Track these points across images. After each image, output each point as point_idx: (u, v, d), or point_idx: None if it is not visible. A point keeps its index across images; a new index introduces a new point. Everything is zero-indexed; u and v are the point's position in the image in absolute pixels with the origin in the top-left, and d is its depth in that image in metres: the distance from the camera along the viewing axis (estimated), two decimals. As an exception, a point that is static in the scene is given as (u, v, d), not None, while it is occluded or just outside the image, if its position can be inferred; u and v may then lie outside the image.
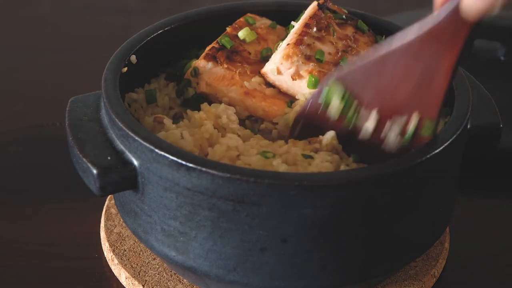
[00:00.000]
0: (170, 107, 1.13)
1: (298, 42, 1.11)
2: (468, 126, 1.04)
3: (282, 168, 0.96)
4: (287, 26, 1.20)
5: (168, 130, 1.03)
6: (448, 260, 1.16)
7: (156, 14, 1.32)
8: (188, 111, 1.08)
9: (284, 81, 1.11)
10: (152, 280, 1.09)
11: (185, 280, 1.09)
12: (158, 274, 1.10)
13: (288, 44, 1.11)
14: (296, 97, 1.11)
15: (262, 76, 1.13)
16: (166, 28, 1.16)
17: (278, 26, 1.21)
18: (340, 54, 1.13)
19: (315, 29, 1.13)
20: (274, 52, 1.14)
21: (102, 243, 1.17)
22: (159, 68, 1.17)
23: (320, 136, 1.03)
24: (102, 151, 0.99)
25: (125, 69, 1.09)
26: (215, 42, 1.15)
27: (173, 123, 1.05)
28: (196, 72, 1.12)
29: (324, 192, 0.91)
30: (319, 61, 1.11)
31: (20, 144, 1.38)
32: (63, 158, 1.18)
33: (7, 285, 1.12)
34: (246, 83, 1.11)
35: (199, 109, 1.08)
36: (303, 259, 0.96)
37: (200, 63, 1.13)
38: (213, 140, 1.03)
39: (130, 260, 1.12)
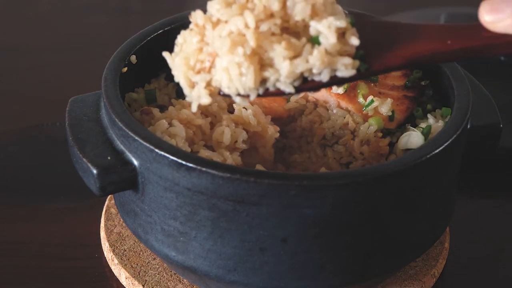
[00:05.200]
0: (170, 107, 1.13)
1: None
2: (468, 126, 1.03)
3: None
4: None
5: (157, 120, 1.02)
6: (448, 260, 1.16)
7: (156, 14, 1.32)
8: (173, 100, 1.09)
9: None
10: (152, 280, 1.09)
11: (185, 280, 1.09)
12: (158, 274, 1.10)
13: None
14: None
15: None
16: (166, 28, 1.16)
17: (278, 26, 1.20)
18: (340, 53, 1.12)
19: (316, 27, 1.13)
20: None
21: (102, 243, 1.17)
22: (159, 68, 1.17)
23: None
24: (102, 151, 0.99)
25: (125, 69, 1.08)
26: (215, 42, 1.14)
27: (160, 111, 1.05)
28: (196, 72, 1.12)
29: (324, 192, 0.91)
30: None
31: (20, 144, 1.37)
32: (63, 158, 1.18)
33: (7, 285, 1.12)
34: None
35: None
36: (303, 259, 0.95)
37: (200, 62, 1.12)
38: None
39: (130, 260, 1.12)
